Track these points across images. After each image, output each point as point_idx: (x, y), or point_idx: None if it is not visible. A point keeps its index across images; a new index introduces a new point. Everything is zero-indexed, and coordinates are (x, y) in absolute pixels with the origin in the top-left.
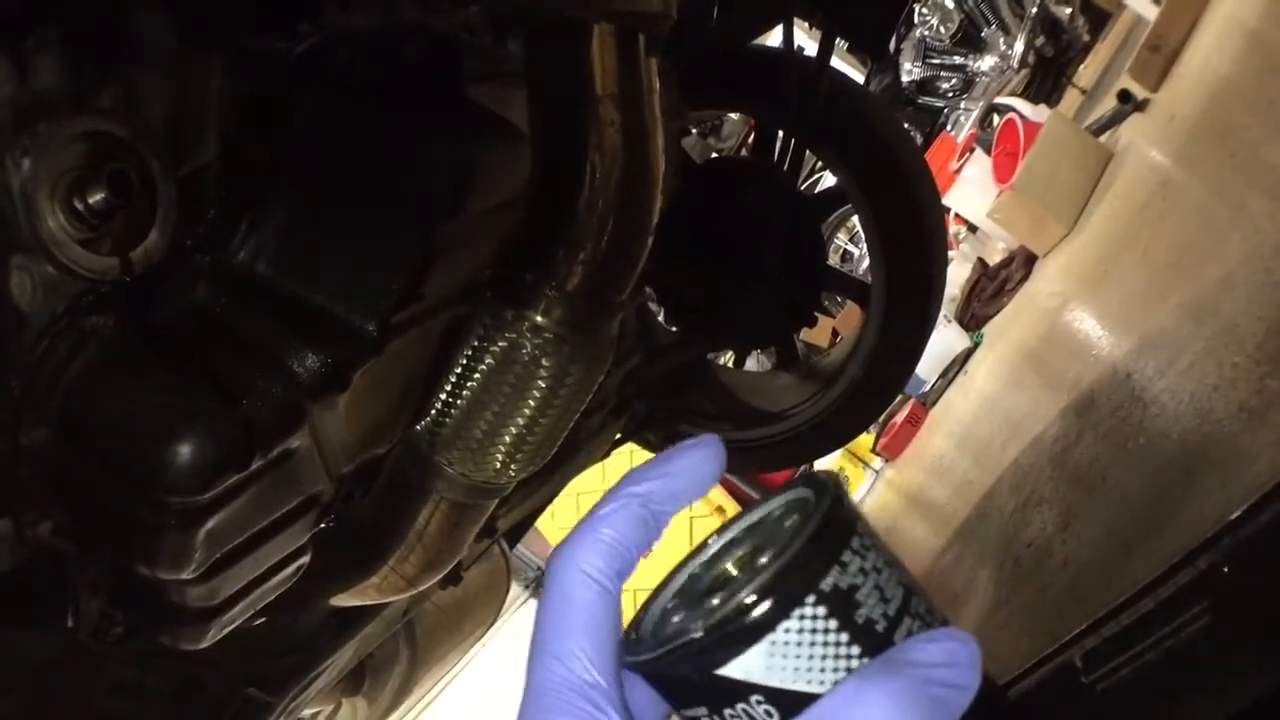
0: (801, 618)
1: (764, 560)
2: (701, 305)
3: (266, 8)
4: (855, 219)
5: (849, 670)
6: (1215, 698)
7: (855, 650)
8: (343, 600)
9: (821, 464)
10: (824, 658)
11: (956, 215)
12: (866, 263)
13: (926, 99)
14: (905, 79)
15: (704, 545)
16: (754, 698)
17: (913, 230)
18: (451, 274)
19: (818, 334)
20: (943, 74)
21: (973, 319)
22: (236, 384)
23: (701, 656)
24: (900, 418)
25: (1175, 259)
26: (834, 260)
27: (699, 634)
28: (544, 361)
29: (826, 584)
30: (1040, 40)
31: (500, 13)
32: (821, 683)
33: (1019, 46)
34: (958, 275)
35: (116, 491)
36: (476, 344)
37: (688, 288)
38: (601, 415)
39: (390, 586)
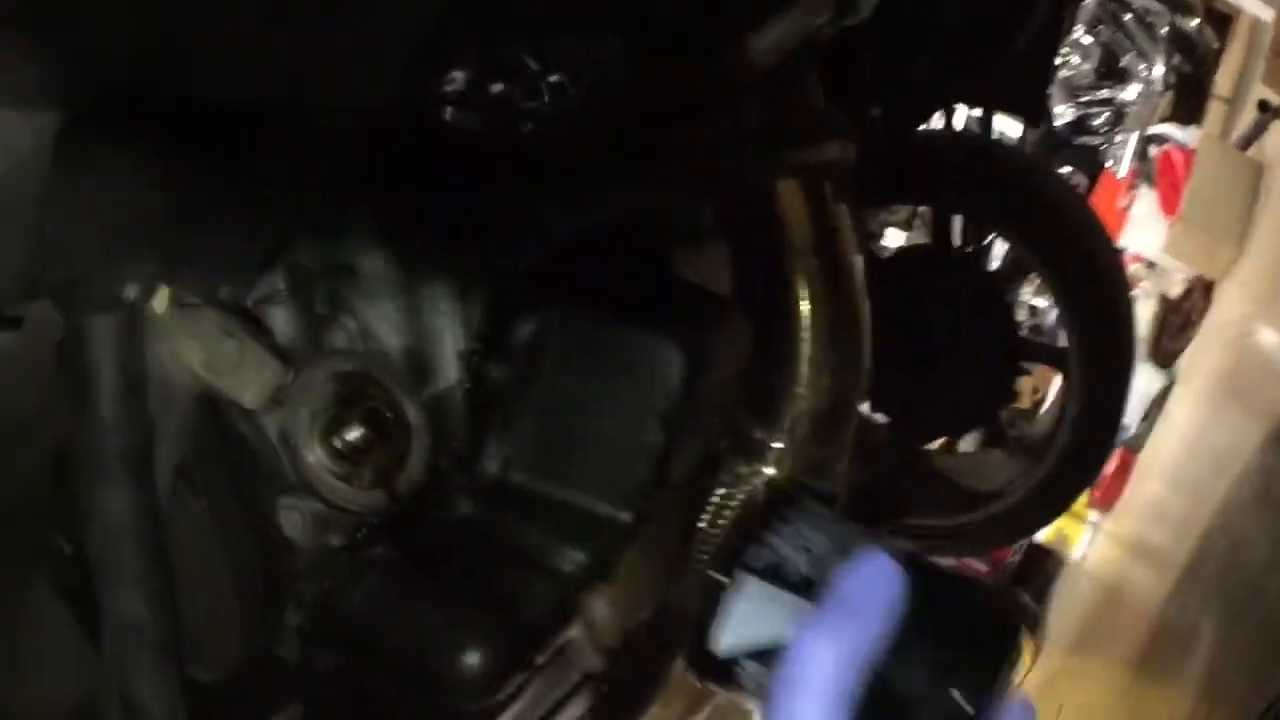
0: (749, 595)
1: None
2: (906, 400)
3: (490, 229)
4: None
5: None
6: None
7: (799, 600)
8: None
9: None
10: (778, 616)
11: (1134, 254)
12: (1055, 314)
13: (1083, 139)
14: (1059, 122)
15: None
16: (745, 662)
17: (1099, 294)
18: (692, 451)
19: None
20: (1093, 110)
21: (1164, 355)
22: (509, 591)
23: (698, 639)
24: (1110, 468)
25: None
26: (1023, 314)
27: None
28: None
29: (758, 563)
30: (1176, 58)
31: (691, 186)
32: (785, 633)
33: (1159, 69)
34: (1142, 313)
35: (411, 704)
36: (718, 502)
37: (890, 384)
38: None
39: None
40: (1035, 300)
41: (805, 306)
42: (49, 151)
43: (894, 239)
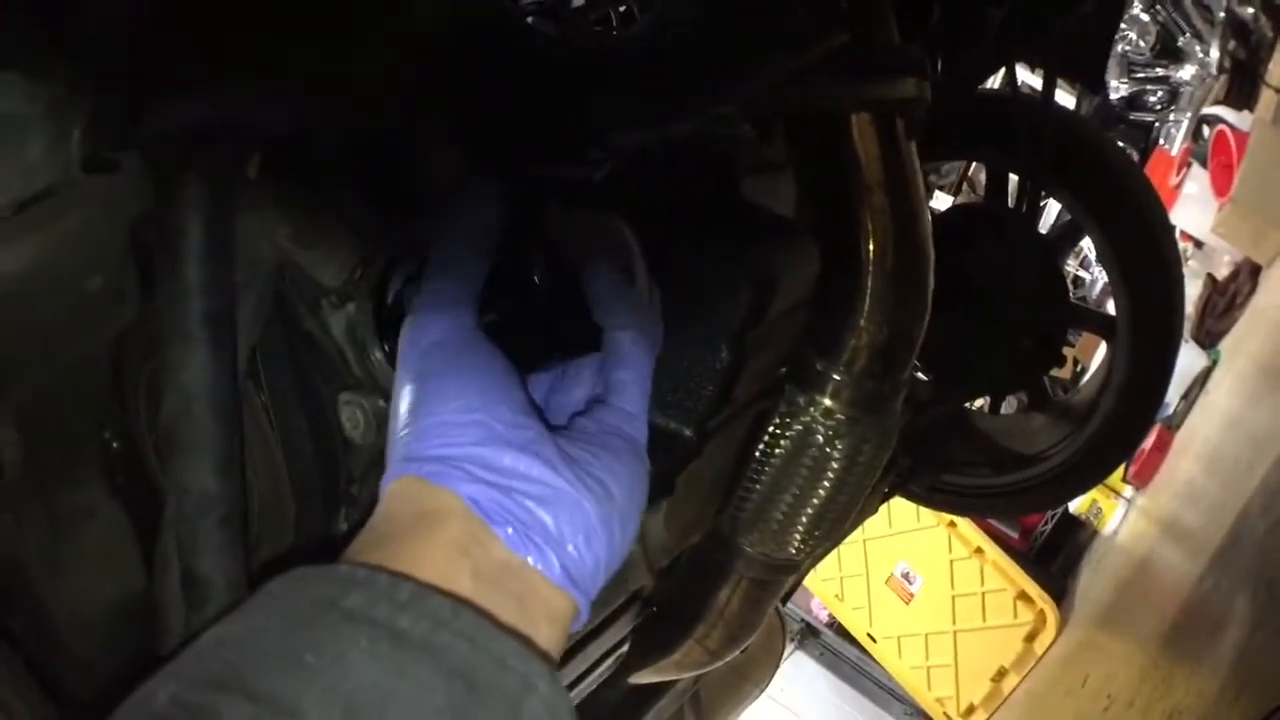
0: None
1: None
2: (955, 357)
3: (556, 139)
4: (1083, 243)
5: None
6: None
7: None
8: (643, 677)
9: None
10: None
11: (1182, 233)
12: (1099, 287)
13: (1137, 115)
14: (1113, 97)
15: None
16: None
17: (1152, 262)
18: (757, 376)
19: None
20: (1148, 87)
21: (1208, 336)
22: None
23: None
24: (1148, 444)
25: None
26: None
27: None
28: (837, 443)
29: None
30: (1232, 44)
31: (760, 114)
32: None
33: (1214, 52)
34: (1189, 293)
35: None
36: (773, 430)
37: (940, 340)
38: None
39: (693, 662)
40: (1079, 272)
41: (872, 240)
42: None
43: (942, 203)
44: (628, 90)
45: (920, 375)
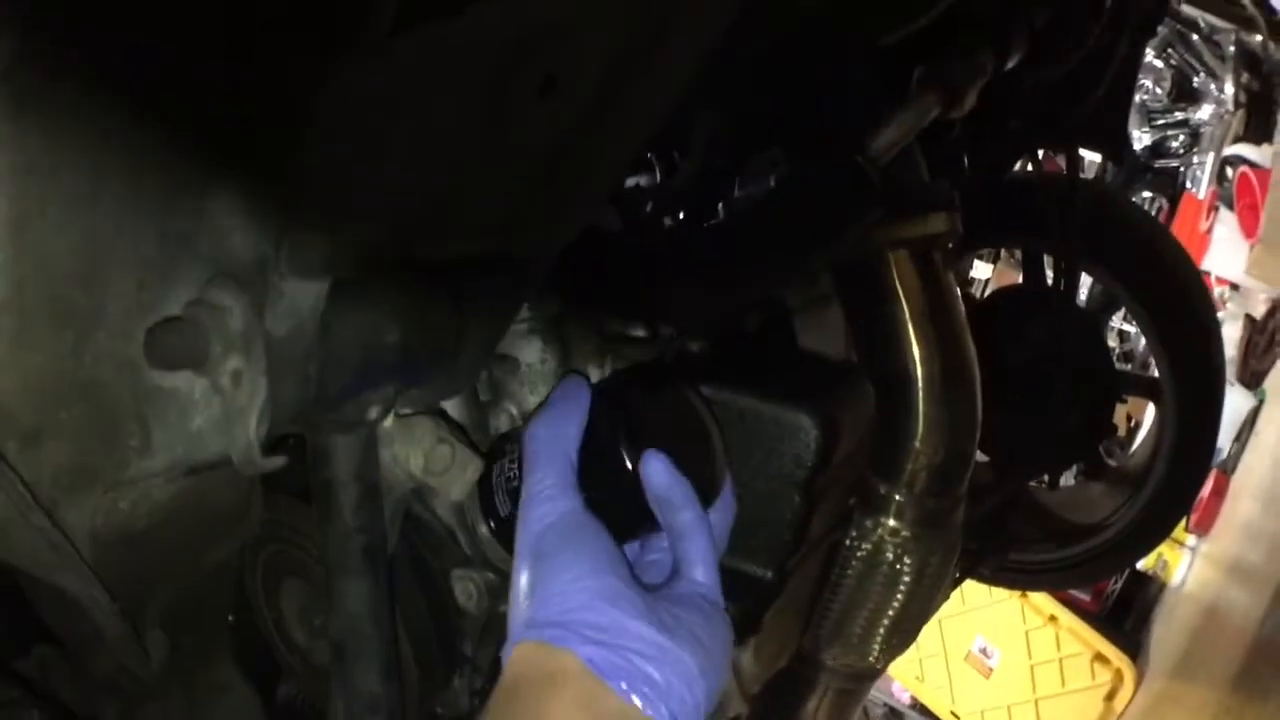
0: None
1: None
2: (1008, 440)
3: (625, 312)
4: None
5: None
6: None
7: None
8: None
9: None
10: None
11: (1218, 277)
12: (1143, 341)
13: (1161, 162)
14: (1137, 147)
15: None
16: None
17: (1187, 323)
18: (829, 513)
19: None
20: (1169, 132)
21: (1252, 376)
22: None
23: (495, 522)
24: (1205, 491)
25: None
26: (1112, 339)
27: None
28: (906, 559)
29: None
30: (1245, 77)
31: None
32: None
33: (1229, 88)
34: (1229, 335)
35: None
36: (846, 553)
37: (995, 425)
38: None
39: None
40: (1124, 326)
41: (920, 369)
42: (320, 310)
43: (980, 271)
44: (697, 278)
45: (980, 456)
